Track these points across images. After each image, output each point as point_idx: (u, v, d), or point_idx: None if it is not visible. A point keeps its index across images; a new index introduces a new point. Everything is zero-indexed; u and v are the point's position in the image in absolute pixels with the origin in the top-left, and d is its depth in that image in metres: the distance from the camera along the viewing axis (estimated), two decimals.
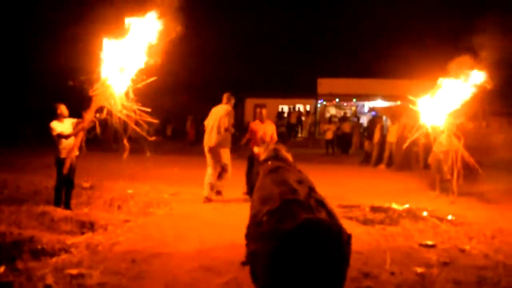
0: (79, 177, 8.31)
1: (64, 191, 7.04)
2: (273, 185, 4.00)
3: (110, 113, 6.70)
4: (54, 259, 4.67)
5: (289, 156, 5.25)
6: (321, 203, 3.49)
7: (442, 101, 8.27)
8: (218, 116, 8.12)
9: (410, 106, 8.88)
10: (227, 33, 28.45)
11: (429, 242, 5.88)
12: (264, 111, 8.94)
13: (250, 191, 7.98)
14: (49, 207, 6.94)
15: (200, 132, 22.07)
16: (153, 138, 7.17)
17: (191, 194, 8.52)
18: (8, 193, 7.88)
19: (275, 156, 5.03)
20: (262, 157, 5.22)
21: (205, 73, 27.44)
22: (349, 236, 3.36)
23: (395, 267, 4.89)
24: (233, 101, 8.50)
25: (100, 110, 6.76)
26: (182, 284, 4.22)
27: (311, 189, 3.85)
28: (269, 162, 4.85)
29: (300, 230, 3.20)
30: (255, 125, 8.72)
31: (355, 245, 5.50)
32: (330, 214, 3.39)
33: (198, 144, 20.37)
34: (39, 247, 5.01)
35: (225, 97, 8.41)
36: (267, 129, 8.58)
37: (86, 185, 8.65)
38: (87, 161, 8.17)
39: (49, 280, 4.02)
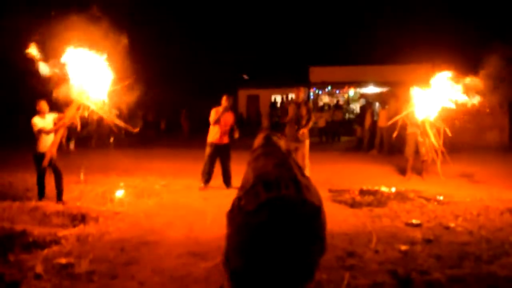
0: (72, 173, 8.44)
1: (54, 184, 7.21)
2: (251, 171, 4.08)
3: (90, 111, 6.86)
4: (45, 251, 4.74)
5: (282, 143, 5.35)
6: (294, 181, 3.53)
7: (432, 95, 8.43)
8: None
9: (402, 91, 9.05)
10: (218, 25, 28.44)
11: (415, 221, 6.00)
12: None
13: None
14: (41, 202, 7.06)
15: (193, 126, 22.17)
16: (136, 130, 7.30)
17: (182, 185, 8.61)
18: (1, 189, 7.93)
19: (266, 143, 5.10)
20: (254, 145, 5.30)
21: (198, 67, 27.47)
22: (317, 209, 3.40)
23: (379, 246, 5.00)
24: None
25: (81, 107, 6.88)
26: (169, 268, 4.31)
27: (289, 170, 3.91)
28: (258, 151, 4.92)
29: (262, 209, 3.27)
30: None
31: (341, 227, 5.69)
32: (300, 190, 3.44)
33: (192, 137, 20.62)
34: (31, 240, 5.10)
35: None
36: (228, 119, 8.45)
37: (82, 178, 8.71)
38: (80, 157, 8.27)
39: (39, 269, 4.10)
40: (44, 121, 7.16)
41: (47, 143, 7.07)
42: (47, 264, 4.30)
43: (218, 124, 8.24)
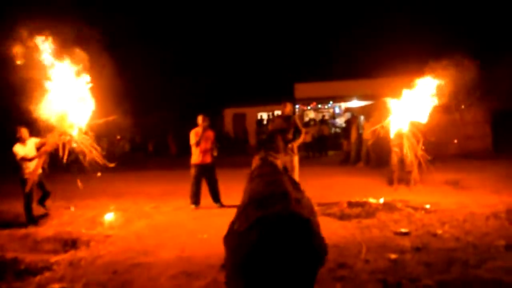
0: (62, 198, 8.46)
1: (40, 196, 7.79)
2: (246, 194, 4.17)
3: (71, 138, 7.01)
4: (37, 278, 4.75)
5: (278, 162, 5.45)
6: (283, 197, 3.62)
7: (408, 104, 8.67)
8: None
9: (382, 103, 9.26)
10: (203, 44, 28.72)
11: (403, 230, 6.11)
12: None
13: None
14: (31, 229, 7.05)
15: (181, 147, 22.21)
16: (112, 165, 7.43)
17: (172, 207, 8.62)
18: None
19: (262, 164, 5.19)
20: (252, 167, 5.40)
21: (184, 87, 27.62)
22: (305, 221, 3.47)
23: (369, 255, 5.09)
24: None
25: (64, 133, 6.99)
26: None
27: (279, 187, 4.00)
28: (254, 173, 5.00)
29: (251, 229, 3.36)
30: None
31: (331, 239, 5.76)
32: (288, 205, 3.53)
33: (180, 158, 20.63)
34: (22, 267, 5.11)
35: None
36: (208, 138, 8.52)
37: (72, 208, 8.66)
38: (70, 183, 8.29)
39: None
40: (25, 148, 7.36)
41: (30, 169, 7.31)
42: None
43: (199, 145, 8.32)
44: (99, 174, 7.64)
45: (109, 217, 7.60)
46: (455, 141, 15.16)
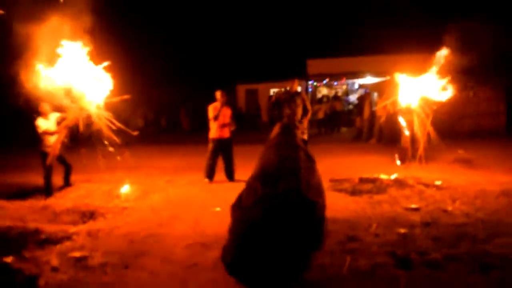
0: (79, 172, 8.67)
1: (64, 173, 8.16)
2: (259, 163, 4.26)
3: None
4: (58, 247, 4.93)
5: (298, 133, 5.47)
6: (295, 175, 3.69)
7: (418, 81, 8.63)
8: None
9: (393, 79, 9.22)
10: (215, 20, 28.53)
11: (414, 206, 6.20)
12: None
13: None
14: (50, 201, 7.27)
15: (193, 122, 22.37)
16: (135, 133, 7.77)
17: (186, 180, 8.79)
18: (11, 191, 8.12)
19: (283, 133, 5.20)
20: (272, 135, 5.41)
21: (196, 63, 27.60)
22: (311, 204, 3.56)
23: (379, 230, 5.20)
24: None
25: (83, 109, 7.16)
26: (177, 258, 4.51)
27: (295, 163, 4.07)
28: (273, 140, 5.04)
29: (257, 205, 3.46)
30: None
31: (342, 214, 5.88)
32: (298, 185, 3.60)
33: (193, 133, 20.81)
34: (43, 237, 5.28)
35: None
36: (226, 113, 8.61)
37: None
38: (85, 157, 8.49)
39: (55, 262, 4.30)
40: (47, 122, 7.68)
41: (51, 142, 7.59)
42: (61, 258, 4.50)
43: (217, 120, 8.41)
44: (111, 149, 7.80)
45: (124, 190, 7.78)
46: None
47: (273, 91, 26.49)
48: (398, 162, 9.73)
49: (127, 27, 20.07)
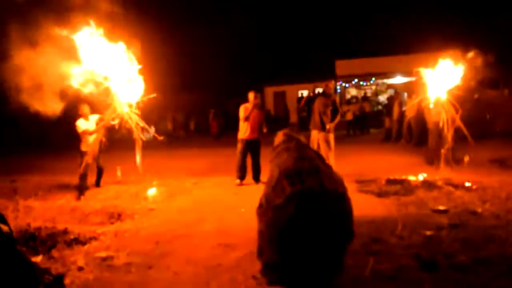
0: (108, 174, 8.91)
1: (96, 175, 8.60)
2: (276, 167, 4.27)
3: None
4: (85, 247, 5.06)
5: (302, 137, 5.52)
6: (316, 172, 3.71)
7: (444, 73, 8.41)
8: None
9: (423, 79, 9.02)
10: (242, 24, 28.67)
11: (442, 208, 6.05)
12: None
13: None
14: (80, 202, 7.46)
15: (222, 125, 22.51)
16: (161, 138, 8.10)
17: (212, 182, 8.88)
18: (42, 193, 8.37)
19: (287, 139, 5.27)
20: (275, 143, 5.49)
21: (225, 66, 27.82)
22: (340, 195, 3.56)
23: (405, 232, 5.10)
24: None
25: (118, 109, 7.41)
26: (202, 259, 4.55)
27: (311, 161, 4.06)
28: (279, 147, 5.09)
29: (289, 202, 3.48)
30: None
31: (368, 215, 5.81)
32: (321, 180, 3.62)
33: (221, 137, 20.96)
34: (72, 237, 5.42)
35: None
36: (257, 116, 8.64)
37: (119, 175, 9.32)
38: (115, 158, 8.73)
39: (81, 262, 4.41)
40: (87, 123, 8.12)
41: (90, 142, 8.01)
42: (88, 257, 4.62)
43: (248, 120, 8.44)
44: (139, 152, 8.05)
45: (152, 192, 7.90)
46: (487, 117, 14.55)
47: (301, 92, 26.43)
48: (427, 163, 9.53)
49: (158, 30, 20.48)
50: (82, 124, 8.07)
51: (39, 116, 6.75)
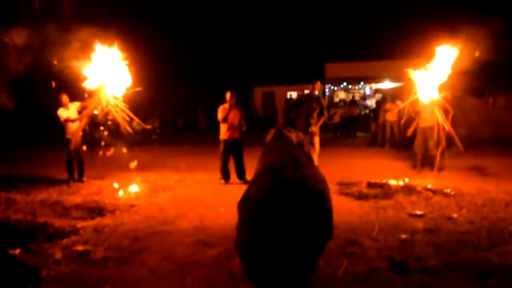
0: (91, 170, 8.90)
1: (75, 165, 8.57)
2: (260, 165, 4.32)
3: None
4: (64, 240, 5.08)
5: (293, 136, 5.53)
6: (299, 169, 3.75)
7: (431, 75, 8.46)
8: None
9: (410, 84, 9.08)
10: (232, 23, 28.68)
11: (418, 212, 6.16)
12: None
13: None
14: (62, 196, 7.46)
15: (210, 123, 22.51)
16: (149, 127, 7.93)
17: (195, 180, 8.91)
18: (24, 186, 8.35)
19: (277, 138, 5.28)
20: (266, 140, 5.49)
21: (214, 65, 27.80)
22: (320, 194, 3.60)
23: (381, 235, 5.19)
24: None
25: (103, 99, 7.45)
26: (178, 255, 4.60)
27: (295, 159, 4.10)
28: (268, 145, 5.13)
29: (267, 196, 3.52)
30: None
31: (346, 218, 5.89)
32: (304, 176, 3.65)
33: (208, 132, 20.93)
34: (51, 230, 5.45)
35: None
36: (235, 115, 8.65)
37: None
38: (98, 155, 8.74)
39: (58, 256, 4.44)
40: (68, 111, 8.31)
41: (73, 129, 8.20)
42: (65, 251, 4.65)
43: (226, 121, 8.48)
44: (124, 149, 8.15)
45: (134, 188, 7.92)
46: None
47: (290, 94, 26.55)
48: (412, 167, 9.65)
49: (148, 27, 20.44)
50: (63, 113, 8.30)
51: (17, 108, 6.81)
